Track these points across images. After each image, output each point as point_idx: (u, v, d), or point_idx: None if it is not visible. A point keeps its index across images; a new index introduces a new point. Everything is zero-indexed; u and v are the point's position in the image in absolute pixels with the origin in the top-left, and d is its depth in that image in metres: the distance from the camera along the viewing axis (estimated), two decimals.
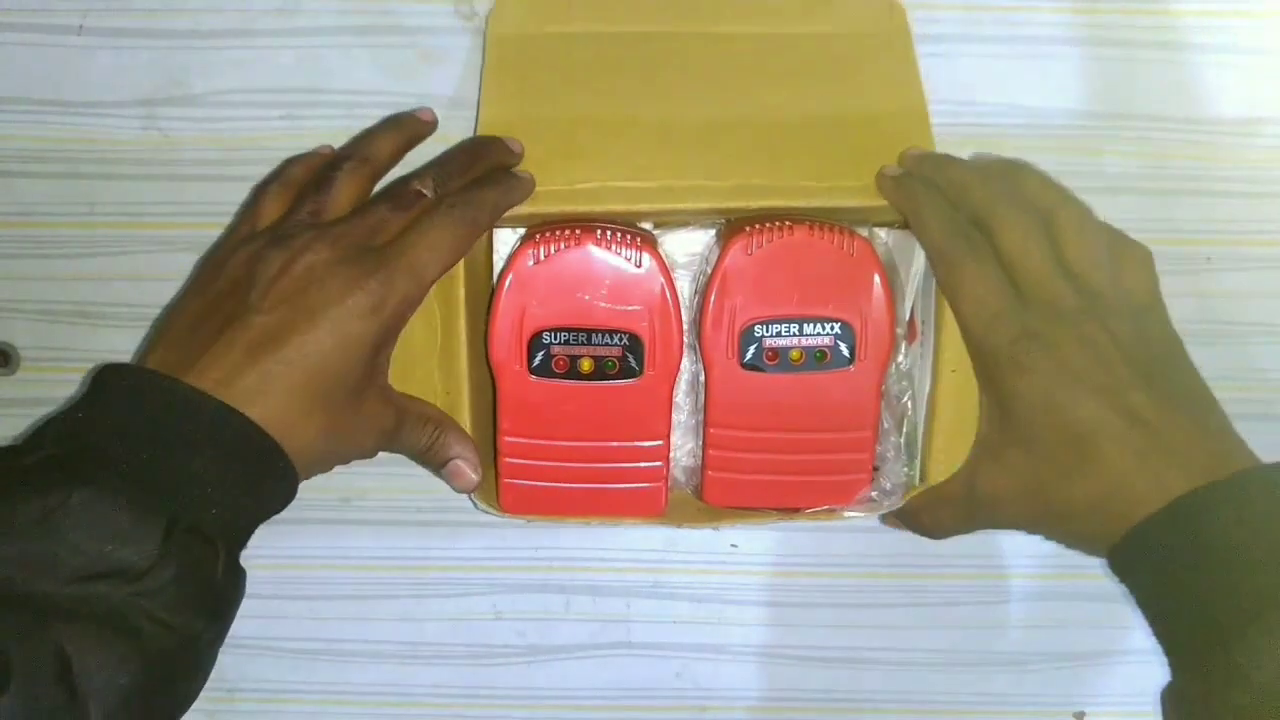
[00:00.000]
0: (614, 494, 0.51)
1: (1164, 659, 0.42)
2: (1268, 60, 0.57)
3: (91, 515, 0.37)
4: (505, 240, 0.53)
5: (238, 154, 0.57)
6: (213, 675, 0.59)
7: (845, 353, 0.49)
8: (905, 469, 0.53)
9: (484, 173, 0.49)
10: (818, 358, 0.49)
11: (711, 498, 0.52)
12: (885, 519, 0.53)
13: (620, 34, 0.53)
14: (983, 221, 0.47)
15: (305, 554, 0.59)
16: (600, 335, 0.49)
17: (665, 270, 0.49)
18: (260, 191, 0.48)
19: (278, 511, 0.43)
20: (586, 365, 0.49)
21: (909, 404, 0.52)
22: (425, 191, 0.47)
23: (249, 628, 0.59)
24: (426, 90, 0.56)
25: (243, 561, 0.58)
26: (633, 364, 0.49)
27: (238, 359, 0.41)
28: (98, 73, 0.56)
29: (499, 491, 0.52)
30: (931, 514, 0.51)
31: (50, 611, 0.36)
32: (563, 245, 0.49)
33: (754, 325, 0.49)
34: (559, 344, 0.49)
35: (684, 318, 0.50)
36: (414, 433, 0.48)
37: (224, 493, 0.40)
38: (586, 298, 0.49)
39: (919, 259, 0.51)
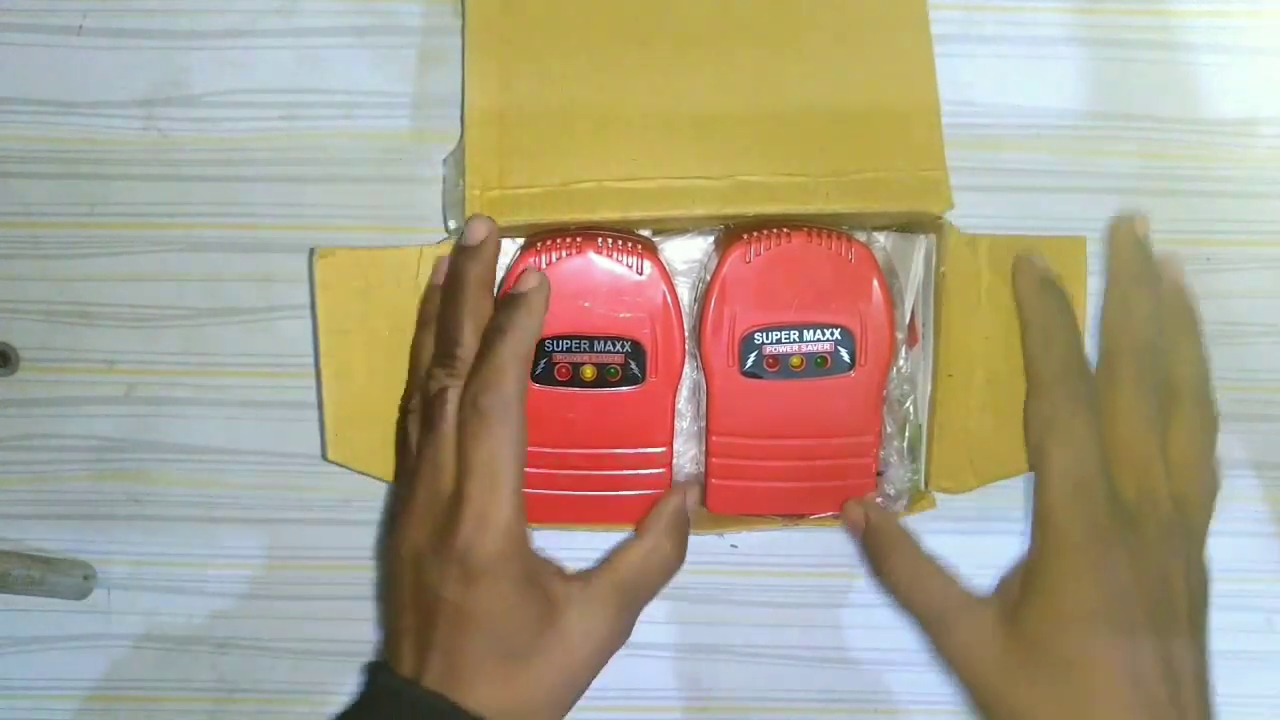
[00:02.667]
0: (618, 501, 0.51)
1: None
2: (1268, 60, 0.57)
3: None
4: (505, 250, 0.53)
5: (237, 154, 0.56)
6: (213, 675, 0.60)
7: (846, 358, 0.49)
8: (909, 473, 0.53)
9: (486, 320, 0.47)
10: (818, 364, 0.49)
11: (715, 505, 0.52)
12: (846, 518, 0.52)
13: (612, 13, 0.51)
14: (1113, 371, 0.46)
15: (305, 554, 0.59)
16: (602, 342, 0.49)
17: (667, 277, 0.49)
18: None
19: None
20: (589, 372, 0.49)
21: (911, 408, 0.52)
22: (448, 385, 0.45)
23: (249, 628, 0.59)
24: (426, 91, 0.56)
25: (242, 561, 0.59)
26: (635, 371, 0.49)
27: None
28: (98, 73, 0.56)
29: None
30: (906, 572, 0.49)
31: None
32: (564, 253, 0.48)
33: (754, 332, 0.49)
34: (561, 351, 0.49)
35: (685, 325, 0.50)
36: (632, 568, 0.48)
37: None
38: (588, 305, 0.49)
39: (918, 263, 0.51)
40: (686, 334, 0.50)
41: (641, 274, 0.49)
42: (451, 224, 0.52)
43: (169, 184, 0.57)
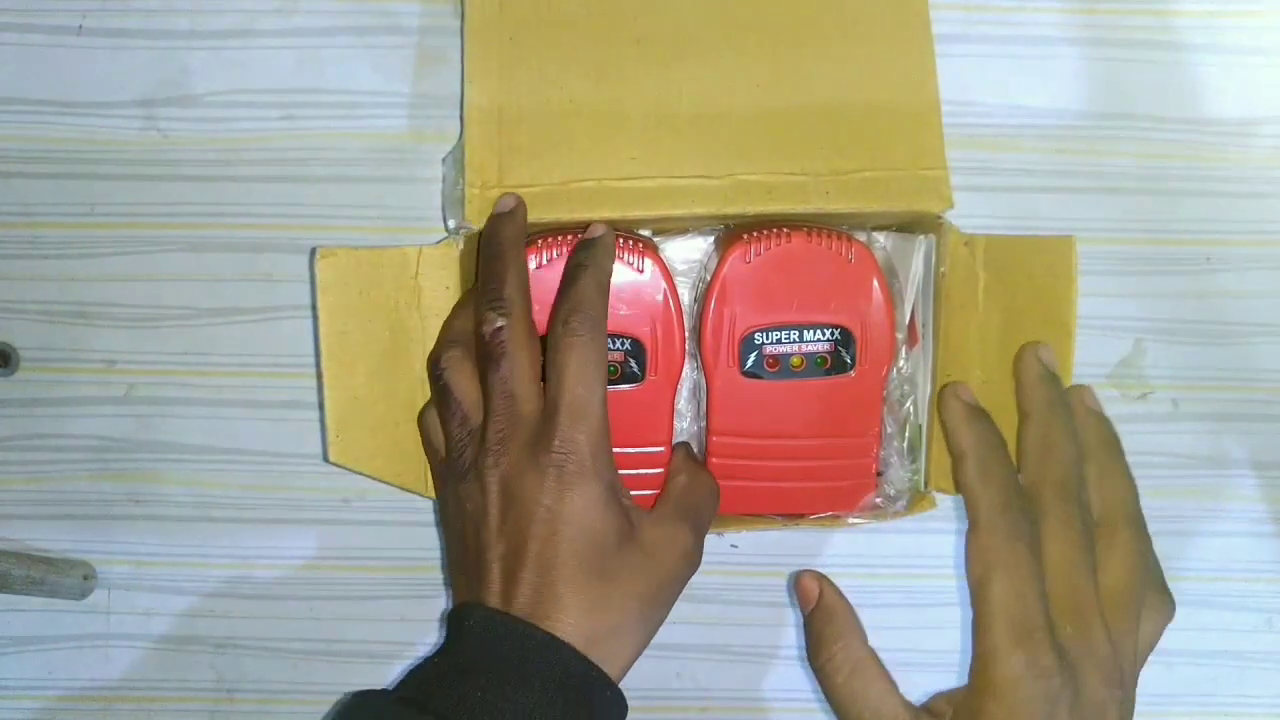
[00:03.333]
0: None
1: (1165, 659, 0.42)
2: (1268, 60, 0.57)
3: None
4: None
5: (237, 154, 0.57)
6: (212, 675, 0.60)
7: (846, 359, 0.49)
8: (909, 474, 0.53)
9: (525, 274, 0.47)
10: (818, 364, 0.49)
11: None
12: (797, 587, 0.50)
13: (612, 11, 0.51)
14: (1040, 506, 0.45)
15: (305, 554, 0.59)
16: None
17: (668, 275, 0.49)
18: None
19: None
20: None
21: (911, 408, 0.52)
22: (500, 322, 0.45)
23: (249, 628, 0.59)
24: (426, 90, 0.56)
25: (242, 561, 0.59)
26: (635, 369, 0.49)
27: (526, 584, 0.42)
28: (97, 73, 0.56)
29: None
30: (847, 666, 0.47)
31: None
32: (565, 250, 0.48)
33: (754, 333, 0.49)
34: None
35: (685, 324, 0.50)
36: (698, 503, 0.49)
37: None
38: None
39: (918, 263, 0.51)
40: (687, 333, 0.50)
41: (642, 272, 0.49)
42: (451, 223, 0.52)
43: (168, 184, 0.57)
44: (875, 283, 0.49)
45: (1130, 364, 0.58)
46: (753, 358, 0.49)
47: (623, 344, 0.49)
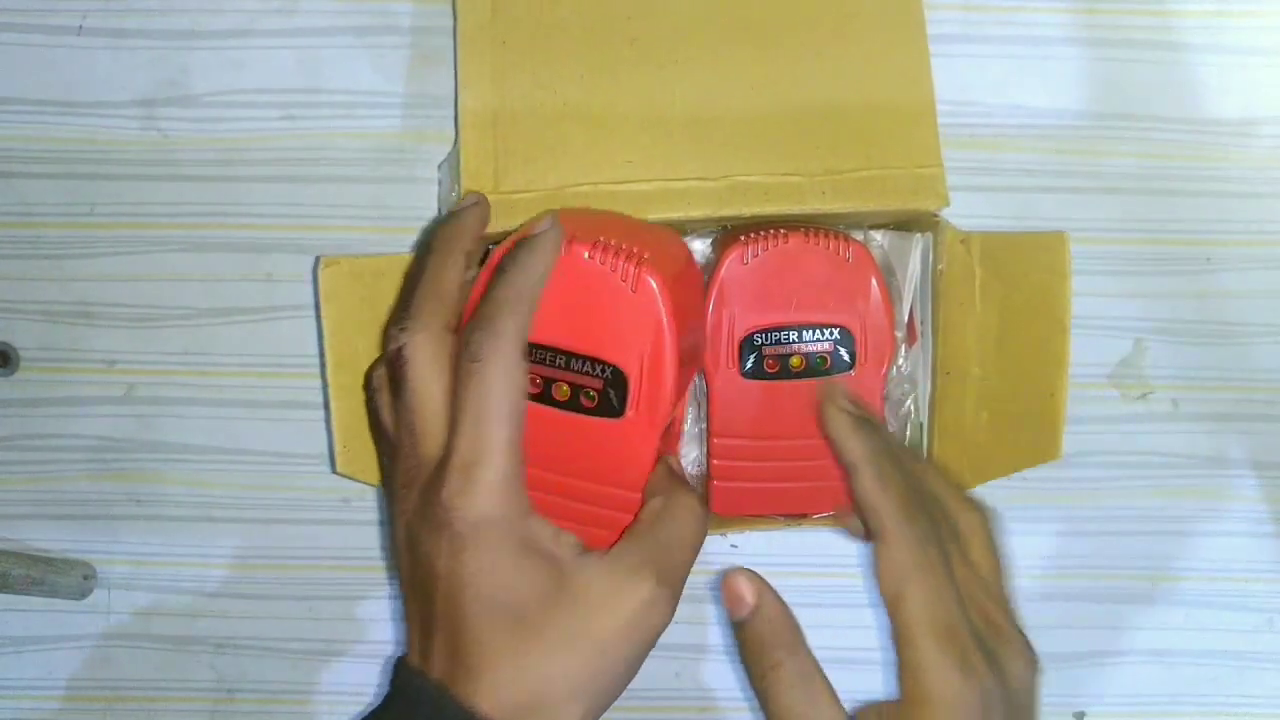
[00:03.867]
0: (579, 534, 0.42)
1: (1166, 660, 0.41)
2: (1268, 60, 0.57)
3: None
4: None
5: (237, 154, 0.57)
6: (212, 675, 0.60)
7: (846, 358, 0.49)
8: None
9: (452, 282, 0.42)
10: (819, 364, 0.49)
11: (718, 507, 0.51)
12: (727, 591, 0.44)
13: (604, 13, 0.50)
14: (947, 515, 0.44)
15: (305, 554, 0.59)
16: (580, 361, 0.43)
17: (667, 298, 0.43)
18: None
19: None
20: (563, 391, 0.43)
21: (912, 407, 0.52)
22: (401, 341, 0.40)
23: (249, 628, 0.59)
24: (427, 91, 0.56)
25: (242, 561, 0.59)
26: (613, 402, 0.43)
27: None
28: (97, 73, 0.56)
29: None
30: (793, 682, 0.43)
31: None
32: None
33: (753, 334, 0.49)
34: (536, 361, 0.43)
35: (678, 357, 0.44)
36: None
37: None
38: (570, 316, 0.43)
39: (915, 261, 0.51)
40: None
41: (635, 292, 0.43)
42: None
43: (169, 184, 0.57)
44: (874, 282, 0.49)
45: (1130, 364, 0.58)
46: (753, 359, 0.49)
47: (601, 370, 0.43)
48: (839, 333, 0.49)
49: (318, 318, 0.50)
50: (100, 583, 0.59)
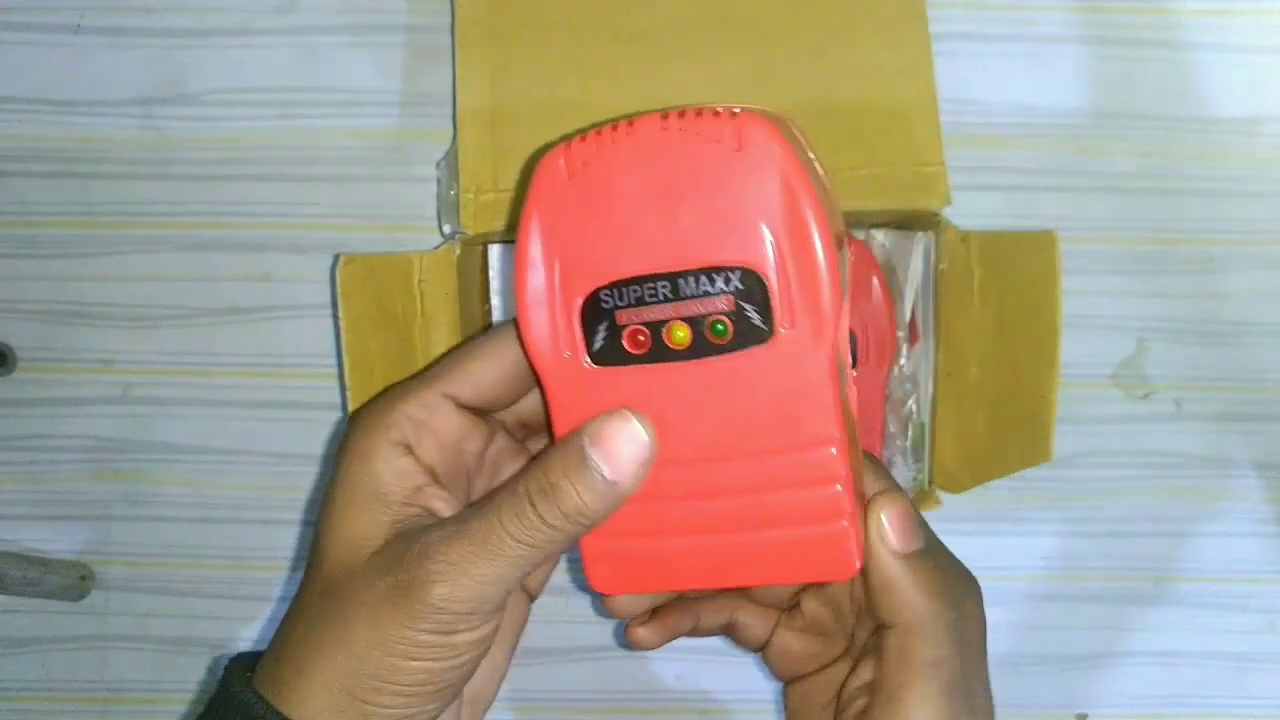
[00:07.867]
0: (761, 548, 0.33)
1: (1168, 661, 0.41)
2: (1270, 59, 0.57)
3: None
4: (503, 255, 0.52)
5: (236, 153, 0.56)
6: (210, 677, 0.59)
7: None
8: (914, 473, 0.52)
9: None
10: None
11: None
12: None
13: (602, 9, 0.49)
14: None
15: (303, 555, 0.59)
16: (692, 280, 0.32)
17: (795, 149, 0.31)
18: None
19: None
20: (680, 334, 0.32)
21: (914, 407, 0.52)
22: None
23: (247, 629, 0.59)
24: (425, 88, 0.56)
25: (240, 562, 0.59)
26: (756, 319, 0.32)
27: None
28: (95, 72, 0.56)
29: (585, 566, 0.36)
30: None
31: None
32: (600, 140, 0.32)
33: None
34: (626, 305, 0.32)
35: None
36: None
37: None
38: (656, 217, 0.31)
39: (917, 260, 0.51)
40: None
41: (739, 148, 0.30)
42: (446, 228, 0.52)
43: (167, 183, 0.57)
44: (875, 281, 0.49)
45: (1133, 364, 0.58)
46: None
47: (726, 280, 0.31)
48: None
49: (334, 317, 0.50)
50: (97, 583, 0.59)
